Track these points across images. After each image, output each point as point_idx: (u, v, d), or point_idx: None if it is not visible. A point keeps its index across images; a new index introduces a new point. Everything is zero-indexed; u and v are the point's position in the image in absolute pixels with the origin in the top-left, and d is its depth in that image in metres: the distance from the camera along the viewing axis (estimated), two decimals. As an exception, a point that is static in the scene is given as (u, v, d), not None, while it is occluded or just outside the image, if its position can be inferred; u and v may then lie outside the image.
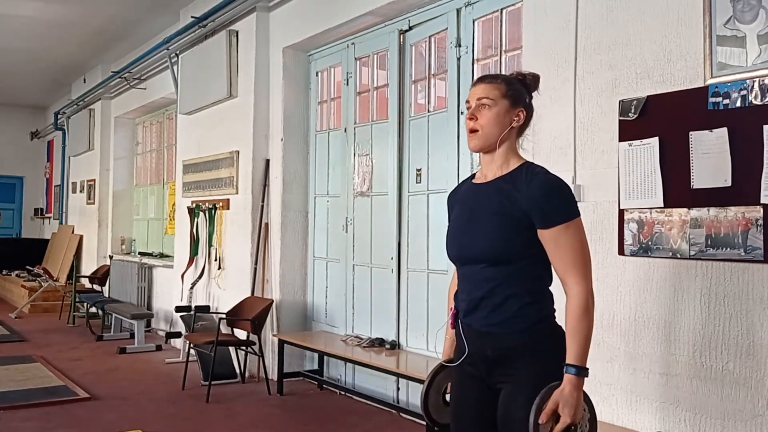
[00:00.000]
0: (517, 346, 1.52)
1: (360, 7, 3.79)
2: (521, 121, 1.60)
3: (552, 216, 1.49)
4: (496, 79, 1.61)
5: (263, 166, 4.63)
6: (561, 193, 1.52)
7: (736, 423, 2.06)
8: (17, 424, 3.40)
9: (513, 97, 1.58)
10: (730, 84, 2.10)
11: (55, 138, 10.05)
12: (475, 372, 1.62)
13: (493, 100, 1.56)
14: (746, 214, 2.04)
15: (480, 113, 1.57)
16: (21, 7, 5.74)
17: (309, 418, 3.64)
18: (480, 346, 1.57)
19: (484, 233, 1.55)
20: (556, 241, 1.49)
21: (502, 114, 1.57)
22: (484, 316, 1.56)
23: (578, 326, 1.46)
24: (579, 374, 1.45)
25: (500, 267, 1.53)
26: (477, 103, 1.58)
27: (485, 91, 1.58)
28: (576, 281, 1.48)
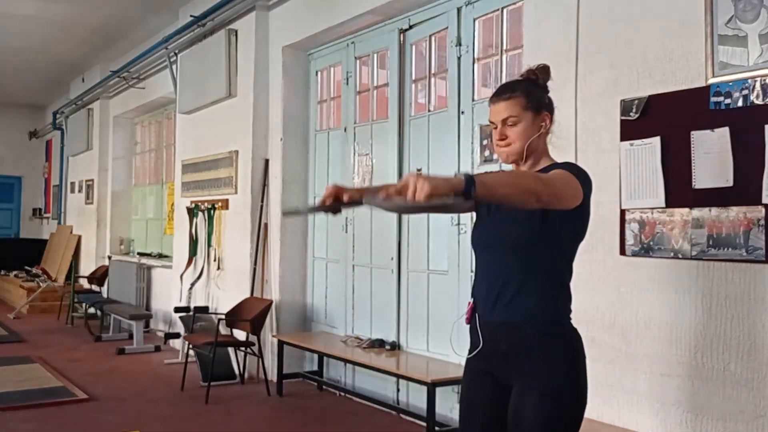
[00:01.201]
0: (531, 342, 1.52)
1: (360, 6, 3.78)
2: (548, 125, 1.63)
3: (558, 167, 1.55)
4: (514, 92, 1.60)
5: (262, 165, 4.62)
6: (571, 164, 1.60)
7: (738, 424, 2.05)
8: (16, 425, 3.39)
9: (535, 106, 1.59)
10: (731, 83, 2.09)
11: (54, 138, 10.03)
12: (486, 368, 1.61)
13: (517, 116, 1.58)
14: (748, 214, 2.03)
15: (508, 132, 1.59)
16: (20, 6, 5.73)
17: (308, 420, 3.63)
18: (495, 340, 1.57)
19: (507, 218, 1.57)
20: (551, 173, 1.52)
21: (529, 126, 1.59)
22: (503, 305, 1.55)
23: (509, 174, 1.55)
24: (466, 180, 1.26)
25: (522, 252, 1.54)
26: (502, 124, 1.60)
27: (508, 110, 1.59)
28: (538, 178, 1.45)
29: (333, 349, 3.81)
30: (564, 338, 1.54)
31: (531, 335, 1.52)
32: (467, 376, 1.68)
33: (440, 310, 3.49)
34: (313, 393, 4.18)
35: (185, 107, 5.44)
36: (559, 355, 1.50)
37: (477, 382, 1.64)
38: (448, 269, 3.44)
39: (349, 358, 3.64)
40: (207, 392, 3.93)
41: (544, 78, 1.64)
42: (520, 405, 1.52)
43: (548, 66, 1.66)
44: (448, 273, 3.44)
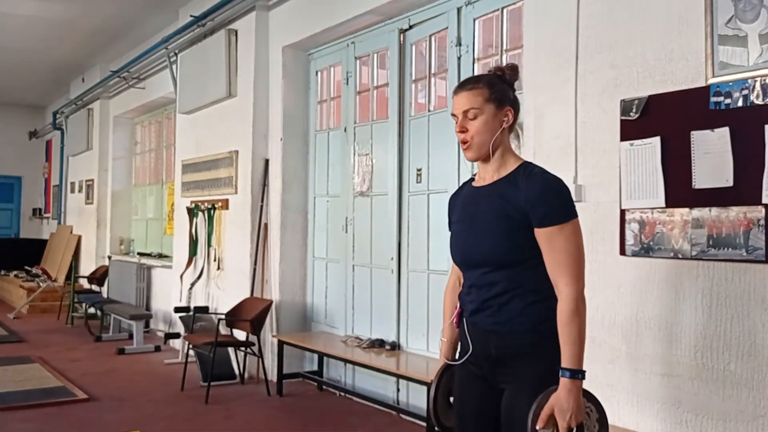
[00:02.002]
0: (521, 345, 1.53)
1: (360, 6, 3.78)
2: (510, 120, 1.58)
3: (548, 215, 1.49)
4: (477, 83, 1.57)
5: (263, 165, 4.62)
6: (558, 193, 1.52)
7: (738, 424, 2.05)
8: (16, 425, 3.39)
9: (498, 99, 1.56)
10: (731, 83, 2.09)
11: (54, 138, 10.03)
12: (478, 371, 1.62)
13: (479, 108, 1.55)
14: (748, 214, 2.03)
15: (468, 124, 1.56)
16: (20, 6, 5.73)
17: (308, 420, 3.63)
18: (484, 345, 1.58)
19: (487, 238, 1.56)
20: (550, 241, 1.49)
21: (490, 120, 1.55)
22: (489, 315, 1.57)
23: (569, 329, 1.45)
24: (573, 377, 1.44)
25: (505, 270, 1.54)
26: (463, 115, 1.57)
27: (469, 101, 1.56)
28: (566, 282, 1.47)
29: (333, 349, 3.82)
30: (552, 339, 1.53)
31: (520, 340, 1.53)
32: (459, 380, 1.68)
33: (440, 310, 3.48)
34: (313, 393, 4.18)
35: (185, 107, 5.44)
36: (548, 356, 1.50)
37: (469, 385, 1.65)
38: (448, 269, 3.44)
39: (349, 358, 3.64)
40: (207, 392, 3.93)
41: (511, 76, 1.61)
42: (512, 405, 1.53)
43: (517, 65, 1.64)
44: (448, 273, 3.43)
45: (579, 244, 1.51)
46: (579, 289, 1.48)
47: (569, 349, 1.45)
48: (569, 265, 1.47)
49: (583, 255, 1.51)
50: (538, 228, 1.50)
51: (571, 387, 1.43)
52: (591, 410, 1.49)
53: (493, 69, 1.63)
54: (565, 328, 1.46)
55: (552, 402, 1.43)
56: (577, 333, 1.45)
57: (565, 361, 1.45)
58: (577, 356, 1.45)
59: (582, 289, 1.49)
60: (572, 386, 1.44)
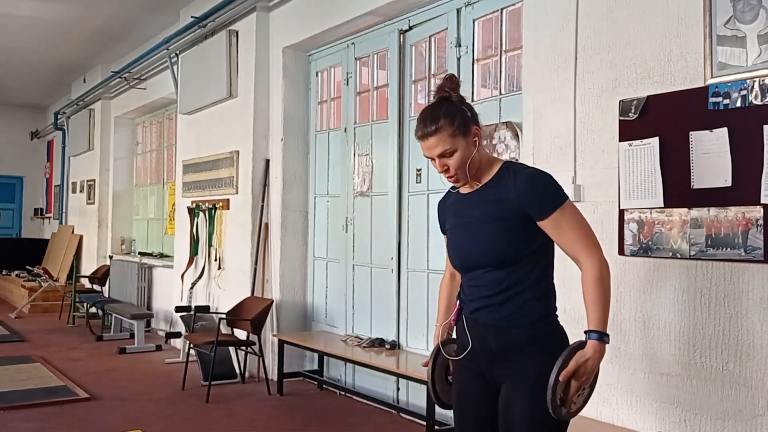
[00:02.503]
0: (521, 340, 1.56)
1: (360, 7, 3.79)
2: (480, 135, 1.62)
3: (546, 206, 1.54)
4: (436, 123, 1.57)
5: (263, 166, 4.63)
6: (546, 182, 1.58)
7: (737, 423, 2.06)
8: (17, 425, 3.40)
9: (462, 128, 1.58)
10: (730, 84, 2.09)
11: (55, 138, 10.05)
12: (475, 368, 1.64)
13: (450, 147, 1.58)
14: (746, 214, 2.04)
15: (448, 162, 1.60)
16: (21, 6, 5.74)
17: (309, 419, 3.64)
18: (484, 340, 1.61)
19: (483, 240, 1.60)
20: (557, 226, 1.54)
21: (464, 150, 1.59)
22: (490, 312, 1.59)
23: (596, 294, 1.50)
24: (600, 340, 1.49)
25: (503, 269, 1.58)
26: (439, 157, 1.60)
27: (439, 144, 1.58)
28: (587, 255, 1.53)
29: (333, 348, 3.82)
30: (551, 335, 1.58)
31: (520, 335, 1.56)
32: (458, 376, 1.71)
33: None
34: (313, 392, 4.19)
35: (186, 108, 5.45)
36: (547, 352, 1.53)
37: (469, 382, 1.67)
38: (448, 269, 3.45)
39: (349, 357, 3.65)
40: (208, 391, 3.94)
41: (455, 89, 1.62)
42: (510, 401, 1.56)
43: (453, 75, 1.67)
44: (448, 273, 3.44)
45: (582, 218, 1.58)
46: (600, 257, 1.53)
47: (596, 313, 1.49)
48: (583, 239, 1.54)
49: (589, 227, 1.58)
50: (541, 221, 1.55)
51: (599, 348, 1.48)
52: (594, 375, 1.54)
53: (436, 93, 1.63)
54: (591, 293, 1.51)
55: (579, 359, 1.47)
56: (603, 296, 1.50)
57: (593, 324, 1.49)
58: (603, 320, 1.50)
59: (603, 257, 1.54)
60: (599, 348, 1.48)
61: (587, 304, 1.52)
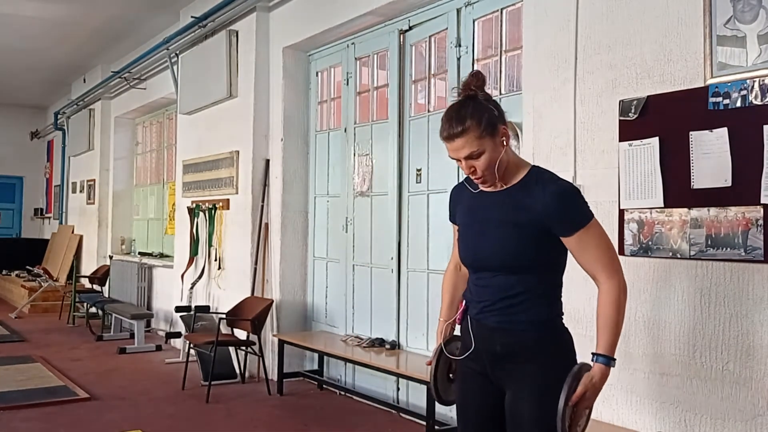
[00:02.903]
0: (525, 342, 1.55)
1: (360, 7, 3.79)
2: (508, 135, 1.57)
3: (572, 223, 1.53)
4: (463, 124, 1.51)
5: (263, 166, 4.63)
6: (575, 200, 1.55)
7: (737, 423, 2.06)
8: (17, 425, 3.40)
9: (489, 128, 1.52)
10: (730, 84, 2.09)
11: (55, 138, 10.05)
12: (478, 368, 1.64)
13: (477, 148, 1.53)
14: (746, 214, 2.04)
15: (475, 163, 1.55)
16: (21, 6, 5.74)
17: (309, 418, 3.64)
18: (489, 342, 1.60)
19: (499, 244, 1.57)
20: (580, 244, 1.53)
21: (493, 151, 1.54)
22: (496, 315, 1.59)
23: (609, 318, 1.50)
24: (607, 364, 1.49)
25: (515, 275, 1.57)
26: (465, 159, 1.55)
27: (465, 146, 1.53)
28: (608, 275, 1.52)
29: (333, 348, 3.83)
30: (556, 338, 1.58)
31: (524, 337, 1.56)
32: (462, 377, 1.70)
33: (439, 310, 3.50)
34: (313, 392, 4.19)
35: (186, 108, 5.46)
36: (552, 354, 1.54)
37: (472, 383, 1.67)
38: (448, 269, 3.45)
39: (349, 357, 3.65)
40: (208, 391, 3.94)
41: (480, 87, 1.57)
42: (516, 405, 1.55)
43: (479, 72, 1.61)
44: (448, 273, 3.44)
45: (607, 239, 1.56)
46: (620, 281, 1.53)
47: (606, 337, 1.49)
48: (605, 260, 1.53)
49: (613, 247, 1.56)
50: (566, 237, 1.53)
51: (605, 372, 1.49)
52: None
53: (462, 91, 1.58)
54: (605, 316, 1.50)
55: (586, 382, 1.48)
56: (616, 322, 1.50)
57: (602, 347, 1.49)
58: (612, 344, 1.50)
59: (623, 280, 1.54)
60: (606, 372, 1.49)
61: (599, 325, 1.51)
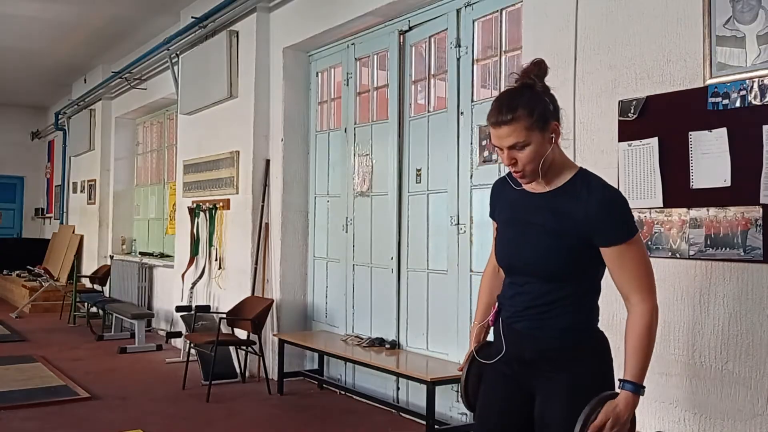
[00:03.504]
0: (556, 349, 1.49)
1: (360, 8, 3.79)
2: (558, 133, 1.49)
3: (614, 235, 1.44)
4: (514, 112, 1.42)
5: (263, 166, 4.64)
6: (621, 210, 1.46)
7: (736, 422, 2.06)
8: (18, 424, 3.41)
9: (540, 121, 1.44)
10: (729, 84, 2.10)
11: (56, 138, 10.06)
12: (508, 371, 1.59)
13: (524, 139, 1.43)
14: (745, 214, 2.04)
15: (517, 155, 1.46)
16: (21, 7, 5.75)
17: (309, 418, 3.64)
18: (519, 347, 1.54)
19: (538, 251, 1.50)
20: (619, 258, 1.45)
21: (539, 146, 1.45)
22: (528, 320, 1.53)
23: (640, 344, 1.42)
24: (635, 392, 1.42)
25: (551, 283, 1.50)
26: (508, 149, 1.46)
27: (512, 135, 1.43)
28: (641, 298, 1.44)
29: (333, 347, 3.83)
30: (589, 345, 1.51)
31: (555, 345, 1.49)
32: (489, 378, 1.63)
33: (440, 310, 3.51)
34: (313, 391, 4.19)
35: (187, 108, 5.46)
36: (584, 362, 1.48)
37: (499, 385, 1.60)
38: (447, 269, 3.45)
39: (349, 356, 3.66)
40: (208, 391, 3.95)
41: (541, 77, 1.49)
42: (544, 410, 1.50)
43: (542, 60, 1.51)
44: (447, 273, 3.45)
45: (647, 258, 1.48)
46: (653, 304, 1.45)
47: (636, 363, 1.42)
48: (642, 280, 1.44)
49: (651, 268, 1.48)
50: (605, 247, 1.45)
51: (631, 401, 1.42)
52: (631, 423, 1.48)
53: (521, 77, 1.49)
54: (636, 342, 1.42)
55: (608, 411, 1.40)
56: (647, 349, 1.43)
57: (630, 374, 1.42)
58: (642, 371, 1.42)
59: (656, 304, 1.46)
60: (632, 400, 1.42)
61: (628, 350, 1.43)
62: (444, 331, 3.45)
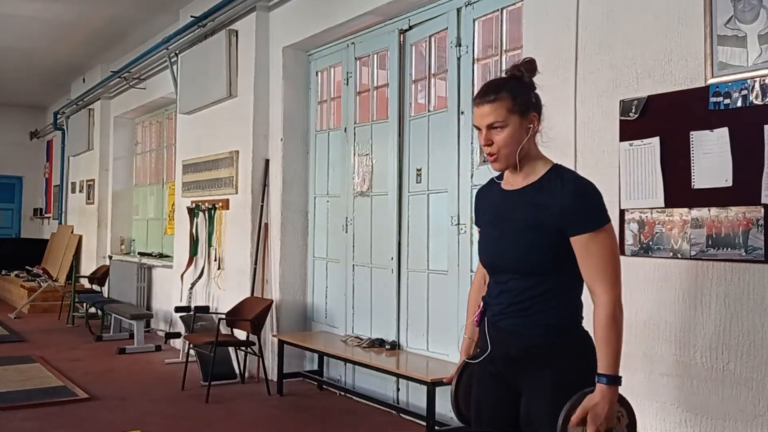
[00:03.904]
0: (541, 346, 1.52)
1: (360, 7, 3.78)
2: (537, 126, 1.54)
3: (582, 223, 1.47)
4: (498, 93, 1.51)
5: (263, 166, 4.63)
6: (591, 199, 1.50)
7: (737, 423, 2.06)
8: (17, 425, 3.40)
9: (521, 108, 1.51)
10: (730, 84, 2.09)
11: (55, 138, 10.04)
12: (495, 371, 1.61)
13: (503, 120, 1.50)
14: (747, 214, 2.04)
15: (494, 137, 1.52)
16: (21, 7, 5.74)
17: (309, 419, 3.63)
18: (504, 346, 1.57)
19: (518, 246, 1.54)
20: (586, 247, 1.47)
21: (516, 131, 1.51)
22: (513, 318, 1.56)
23: (607, 335, 1.45)
24: (610, 383, 1.44)
25: (533, 277, 1.53)
26: (487, 128, 1.52)
27: (492, 114, 1.51)
28: (604, 290, 1.47)
29: (333, 348, 3.82)
30: (573, 341, 1.53)
31: (540, 342, 1.52)
32: (478, 378, 1.67)
33: (440, 310, 3.50)
34: (313, 392, 4.19)
35: (186, 107, 5.45)
36: (568, 358, 1.50)
37: (487, 384, 1.64)
38: (447, 269, 3.45)
39: (349, 357, 3.65)
40: (207, 392, 3.94)
41: (529, 73, 1.55)
42: (530, 407, 1.52)
43: (533, 59, 1.58)
44: (447, 273, 3.44)
45: (614, 250, 1.50)
46: (617, 295, 1.47)
47: (607, 355, 1.44)
48: (606, 271, 1.47)
49: (618, 260, 1.50)
50: (574, 236, 1.48)
51: (608, 393, 1.44)
52: (622, 414, 1.49)
53: (509, 70, 1.58)
54: (603, 334, 1.45)
55: (586, 405, 1.43)
56: (615, 339, 1.45)
57: (603, 367, 1.44)
58: (614, 362, 1.44)
59: (619, 295, 1.48)
60: (609, 392, 1.44)
61: (597, 343, 1.47)
62: (444, 332, 3.44)
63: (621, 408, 1.49)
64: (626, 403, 1.51)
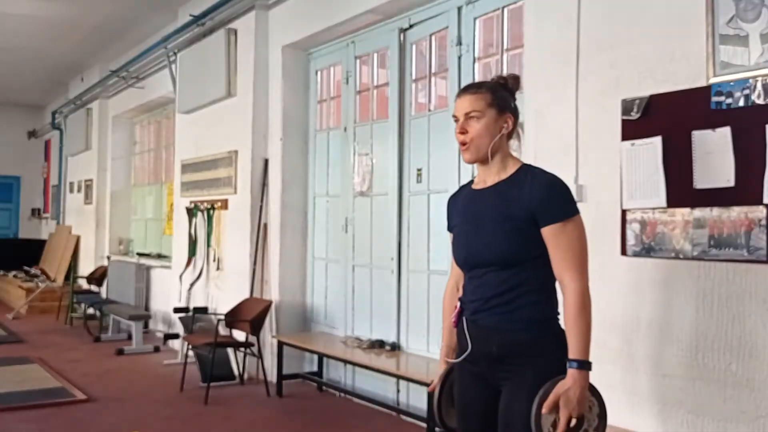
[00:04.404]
0: (521, 342, 1.55)
1: (360, 5, 3.77)
2: (510, 126, 1.62)
3: (551, 214, 1.53)
4: (480, 88, 1.63)
5: (262, 165, 4.61)
6: (559, 190, 1.56)
7: (739, 425, 2.05)
8: (15, 426, 3.38)
9: (499, 105, 1.61)
10: (732, 83, 2.08)
11: (53, 137, 10.02)
12: (476, 370, 1.63)
13: (480, 111, 1.59)
14: (749, 214, 2.03)
15: (469, 126, 1.60)
16: (19, 5, 5.72)
17: (308, 420, 3.62)
18: (485, 344, 1.59)
19: (490, 239, 1.59)
20: (555, 237, 1.53)
21: (491, 124, 1.59)
22: (493, 313, 1.58)
23: (576, 321, 1.49)
24: (581, 368, 1.48)
25: (509, 269, 1.57)
26: (465, 117, 1.61)
27: (471, 104, 1.60)
28: (572, 277, 1.51)
29: (333, 349, 3.81)
30: (553, 337, 1.56)
31: (522, 337, 1.55)
32: (460, 379, 1.69)
33: (440, 311, 3.48)
34: (312, 394, 4.17)
35: (184, 107, 5.43)
36: (548, 353, 1.53)
37: (469, 384, 1.66)
38: (448, 269, 3.43)
39: (349, 358, 3.64)
40: (206, 393, 3.92)
41: (513, 85, 1.66)
42: (510, 400, 1.55)
43: (519, 76, 1.70)
44: (448, 273, 3.43)
45: (582, 240, 1.55)
46: (584, 283, 1.52)
47: (577, 341, 1.48)
48: (573, 261, 1.52)
49: (586, 250, 1.56)
50: (544, 227, 1.53)
51: (578, 378, 1.47)
52: (593, 404, 1.52)
53: (495, 77, 1.69)
54: (572, 321, 1.50)
55: (558, 390, 1.46)
56: (584, 325, 1.49)
57: (573, 353, 1.48)
58: (584, 348, 1.49)
59: (587, 283, 1.53)
60: (579, 377, 1.47)
61: (567, 330, 1.51)
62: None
63: (592, 397, 1.52)
64: (596, 392, 1.54)
